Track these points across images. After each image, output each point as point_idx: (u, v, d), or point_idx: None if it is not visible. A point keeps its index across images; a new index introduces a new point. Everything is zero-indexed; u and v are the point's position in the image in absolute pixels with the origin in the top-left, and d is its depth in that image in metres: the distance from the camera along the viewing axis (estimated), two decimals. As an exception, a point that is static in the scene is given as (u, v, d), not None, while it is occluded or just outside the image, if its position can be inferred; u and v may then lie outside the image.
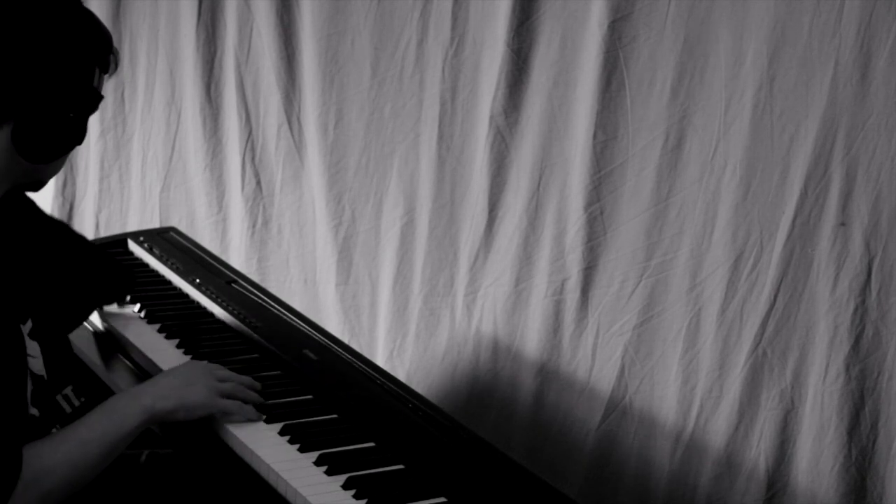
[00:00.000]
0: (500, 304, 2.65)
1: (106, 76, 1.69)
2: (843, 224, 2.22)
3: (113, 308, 2.10)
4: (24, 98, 1.55)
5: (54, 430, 1.62)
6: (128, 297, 2.11)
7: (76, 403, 1.71)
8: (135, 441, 1.63)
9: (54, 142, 1.59)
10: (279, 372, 1.89)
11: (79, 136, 1.62)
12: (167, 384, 1.65)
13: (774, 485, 2.33)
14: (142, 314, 2.08)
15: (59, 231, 1.92)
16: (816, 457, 2.27)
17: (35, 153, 1.58)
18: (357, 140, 2.83)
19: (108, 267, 2.02)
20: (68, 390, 1.71)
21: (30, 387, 1.64)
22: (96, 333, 2.04)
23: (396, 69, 2.75)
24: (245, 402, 1.71)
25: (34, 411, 1.64)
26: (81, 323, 1.99)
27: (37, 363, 1.65)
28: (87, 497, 1.69)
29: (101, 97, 1.63)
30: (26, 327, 1.63)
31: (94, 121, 3.33)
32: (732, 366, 2.36)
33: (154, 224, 3.13)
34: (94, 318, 2.07)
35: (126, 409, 1.59)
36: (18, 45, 1.54)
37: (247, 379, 1.76)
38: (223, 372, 1.74)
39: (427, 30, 2.69)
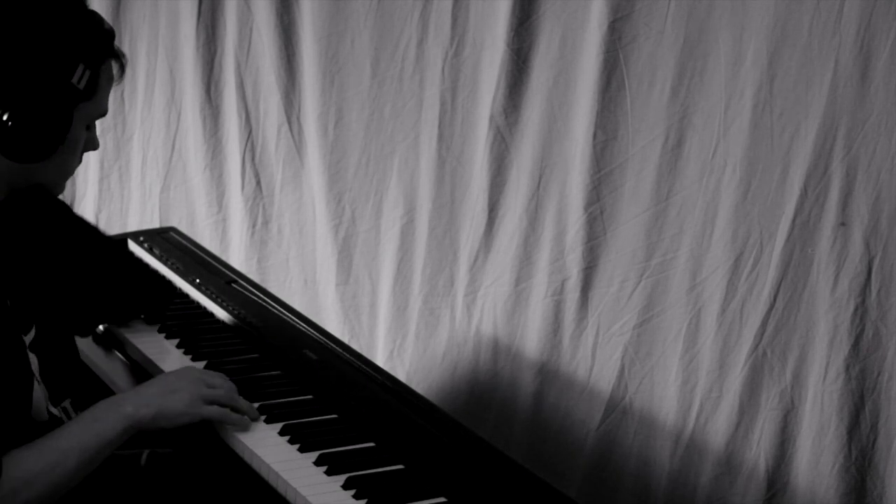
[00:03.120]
0: (500, 304, 2.65)
1: (106, 78, 1.65)
2: (843, 224, 2.22)
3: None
4: None
5: None
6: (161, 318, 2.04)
7: (73, 416, 1.69)
8: (135, 441, 1.63)
9: (33, 140, 1.55)
10: (279, 372, 1.89)
11: (60, 133, 1.57)
12: (149, 392, 1.63)
13: (774, 485, 2.33)
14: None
15: (91, 238, 1.89)
16: (816, 457, 2.27)
17: (15, 152, 1.55)
18: (357, 140, 2.83)
19: (137, 278, 1.98)
20: (66, 403, 1.70)
21: (45, 392, 1.64)
22: (95, 333, 2.04)
23: (396, 69, 2.75)
24: (234, 408, 1.68)
25: (46, 417, 1.64)
26: (90, 332, 1.97)
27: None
28: (87, 497, 1.69)
29: (81, 93, 1.57)
30: (28, 337, 1.62)
31: (94, 121, 3.33)
32: (732, 366, 2.36)
33: (154, 224, 3.13)
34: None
35: (106, 417, 1.57)
36: None
37: (231, 386, 1.72)
38: (215, 379, 1.71)
39: (427, 30, 2.69)
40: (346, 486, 1.53)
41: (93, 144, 1.70)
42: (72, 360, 1.80)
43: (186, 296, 2.22)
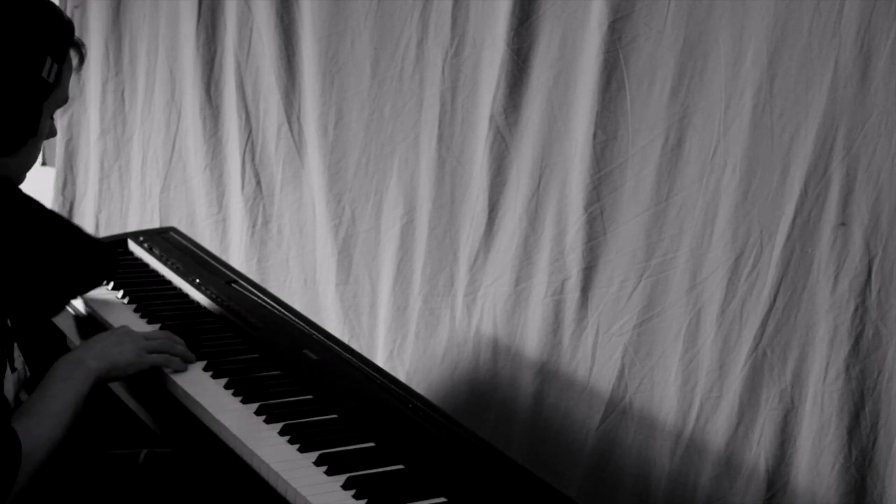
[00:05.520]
0: (500, 304, 2.65)
1: (68, 67, 1.67)
2: (843, 224, 2.22)
3: (113, 304, 2.10)
4: None
5: None
6: (108, 282, 2.14)
7: None
8: (134, 441, 1.64)
9: (5, 134, 1.59)
10: (279, 372, 1.89)
11: (31, 127, 1.62)
12: (101, 347, 1.76)
13: (774, 485, 2.33)
14: (141, 314, 2.08)
15: (41, 216, 1.91)
16: (816, 457, 2.27)
17: None
18: (357, 140, 2.83)
19: (89, 249, 2.01)
20: None
21: (21, 377, 1.65)
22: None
23: (396, 69, 2.75)
24: (173, 354, 1.85)
25: (26, 397, 1.66)
26: (62, 309, 2.00)
27: (18, 360, 1.66)
28: (86, 497, 1.69)
29: (50, 86, 1.62)
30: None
31: (93, 121, 3.33)
32: (732, 366, 2.35)
33: (154, 224, 3.14)
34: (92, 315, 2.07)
35: (78, 376, 1.68)
36: None
37: (167, 333, 1.89)
38: (147, 333, 1.87)
39: (427, 30, 2.69)
40: (346, 486, 1.53)
41: (51, 132, 1.73)
42: (57, 346, 1.82)
43: (186, 295, 2.22)
